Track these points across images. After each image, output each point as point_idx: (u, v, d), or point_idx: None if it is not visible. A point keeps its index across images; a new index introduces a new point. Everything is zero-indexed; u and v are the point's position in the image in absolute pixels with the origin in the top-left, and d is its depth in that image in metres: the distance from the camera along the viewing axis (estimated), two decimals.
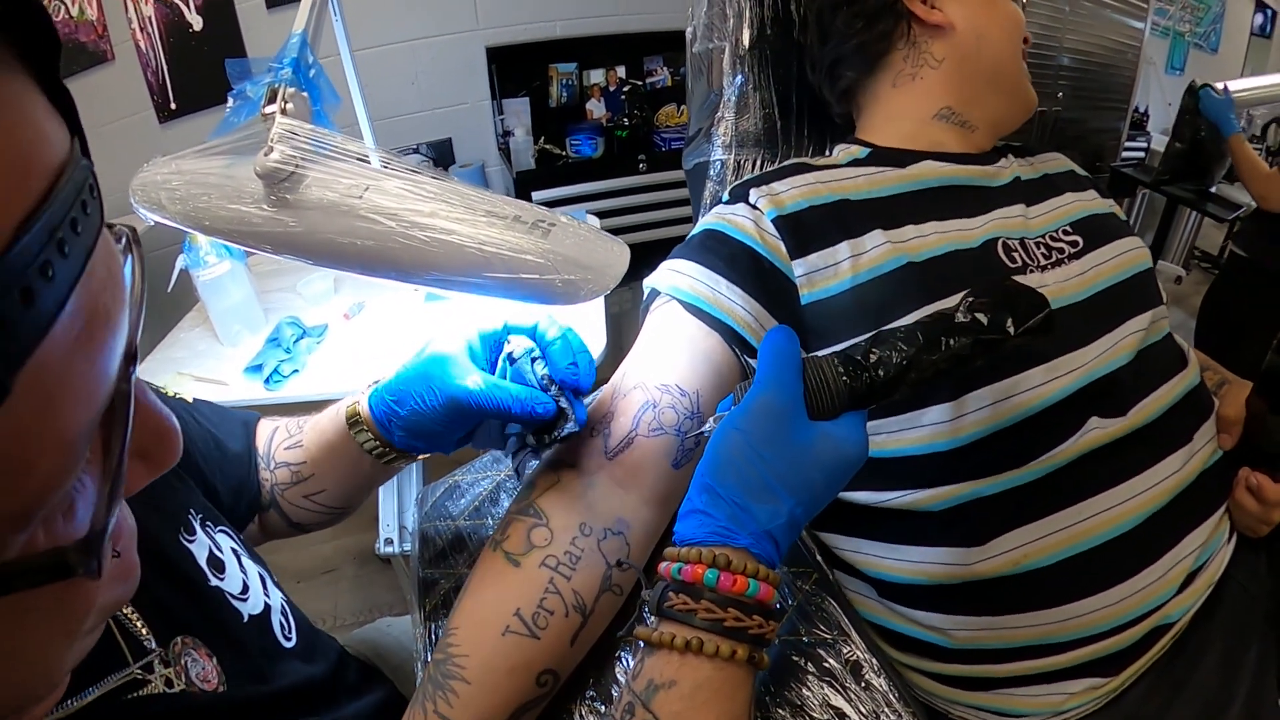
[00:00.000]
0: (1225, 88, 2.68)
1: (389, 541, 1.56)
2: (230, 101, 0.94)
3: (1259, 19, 5.50)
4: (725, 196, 0.96)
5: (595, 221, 1.81)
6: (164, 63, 2.39)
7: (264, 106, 0.82)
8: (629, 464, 0.71)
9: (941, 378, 0.60)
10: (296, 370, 1.35)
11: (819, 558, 0.94)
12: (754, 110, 1.17)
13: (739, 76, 1.16)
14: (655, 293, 0.87)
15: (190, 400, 0.80)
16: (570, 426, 0.69)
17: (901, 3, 1.01)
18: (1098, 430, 0.80)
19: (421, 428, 0.71)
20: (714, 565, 0.55)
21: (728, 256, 0.84)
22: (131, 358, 0.32)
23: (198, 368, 1.46)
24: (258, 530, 0.84)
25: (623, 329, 2.70)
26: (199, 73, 2.41)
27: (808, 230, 0.86)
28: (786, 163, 1.02)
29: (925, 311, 0.63)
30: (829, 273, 0.84)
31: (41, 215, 0.25)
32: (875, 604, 0.88)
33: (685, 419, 0.73)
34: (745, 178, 0.99)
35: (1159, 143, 4.07)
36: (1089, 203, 1.01)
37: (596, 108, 2.85)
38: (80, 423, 0.29)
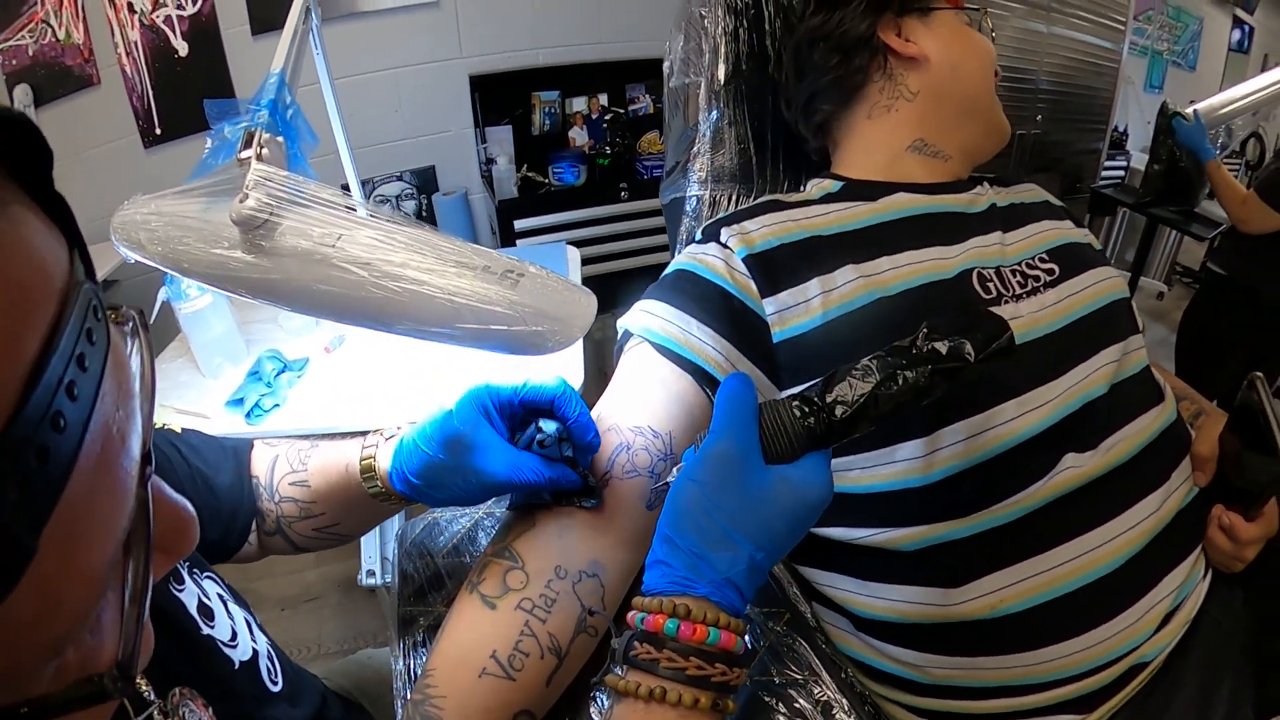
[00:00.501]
0: (1195, 113, 2.72)
1: (370, 573, 1.56)
2: (208, 142, 0.94)
3: (1236, 35, 5.56)
4: (698, 235, 0.96)
5: (576, 255, 1.81)
6: (149, 88, 2.40)
7: (240, 151, 0.83)
8: (603, 506, 0.72)
9: (904, 411, 0.60)
10: (277, 405, 1.35)
11: (797, 590, 0.94)
12: (729, 146, 1.17)
13: (714, 112, 1.16)
14: (628, 333, 0.88)
15: (179, 431, 0.80)
16: (593, 502, 0.71)
17: (877, 36, 1.02)
18: (1072, 470, 0.79)
19: (458, 501, 0.73)
20: (674, 615, 0.55)
21: (699, 297, 0.85)
22: (147, 458, 0.32)
23: (179, 399, 1.45)
24: (257, 550, 0.84)
25: (605, 355, 2.70)
26: (184, 98, 2.42)
27: (778, 268, 0.86)
28: (759, 200, 1.02)
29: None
30: (800, 310, 0.84)
31: (47, 365, 0.25)
32: (852, 638, 0.88)
33: (659, 460, 0.74)
34: (718, 216, 1.00)
35: (1139, 160, 4.11)
36: (1065, 231, 1.02)
37: (579, 135, 2.87)
38: (106, 553, 0.29)
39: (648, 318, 0.85)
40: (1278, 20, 6.06)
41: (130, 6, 2.33)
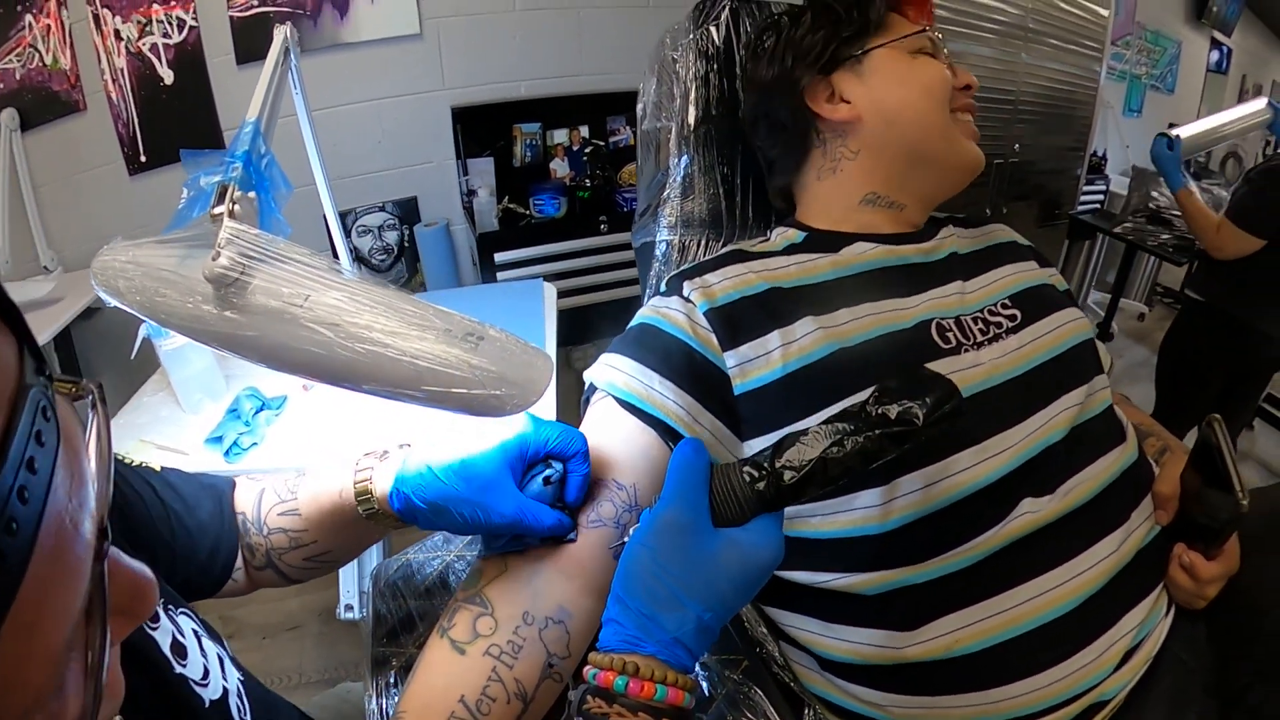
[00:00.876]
0: (1176, 139, 2.75)
1: (349, 607, 1.57)
2: (185, 192, 0.95)
3: (1214, 56, 5.63)
4: (662, 286, 0.98)
5: (552, 291, 1.84)
6: (135, 115, 2.41)
7: (213, 206, 0.84)
8: (570, 554, 0.73)
9: (855, 474, 0.61)
10: (255, 443, 1.36)
11: (764, 629, 0.96)
12: (699, 192, 1.18)
13: (685, 157, 1.18)
14: (594, 386, 0.90)
15: (159, 469, 0.81)
16: (571, 537, 0.74)
17: (806, 107, 1.03)
18: (1029, 515, 0.80)
19: (452, 529, 0.75)
20: (623, 672, 0.58)
21: (661, 352, 0.86)
22: (104, 534, 0.33)
23: (159, 434, 1.46)
24: (245, 585, 0.85)
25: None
26: (169, 127, 2.43)
27: (739, 321, 0.88)
28: (723, 250, 1.04)
29: (858, 398, 0.65)
30: (760, 362, 0.86)
31: None
32: (819, 677, 0.89)
33: (623, 511, 0.76)
34: (682, 267, 1.01)
35: (1118, 184, 4.16)
36: (1029, 274, 1.03)
37: (560, 167, 2.88)
38: (63, 631, 0.30)
39: (612, 372, 0.87)
40: (1255, 41, 6.14)
41: (117, 34, 2.34)
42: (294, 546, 0.82)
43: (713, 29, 1.19)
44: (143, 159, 2.44)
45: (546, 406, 1.32)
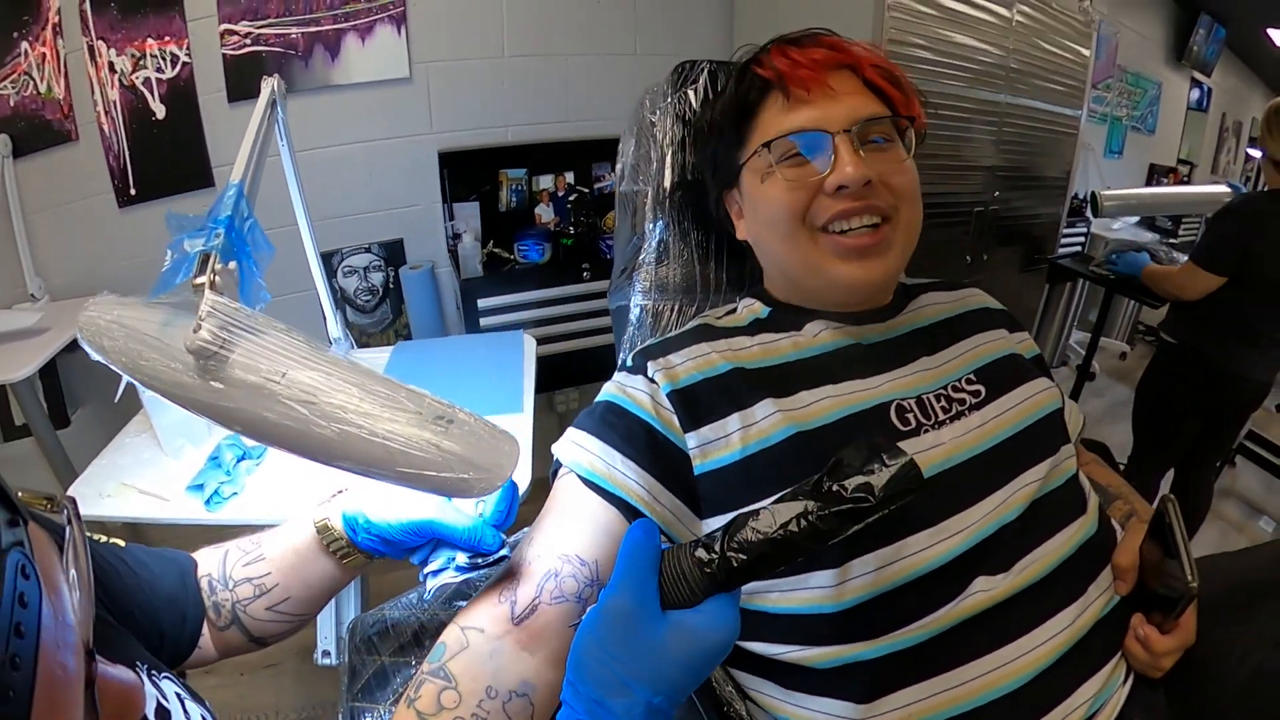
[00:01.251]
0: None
1: (325, 653, 1.58)
2: (168, 255, 0.97)
3: (1195, 94, 5.72)
4: (629, 362, 1.00)
5: (532, 343, 1.86)
6: (126, 148, 2.42)
7: (195, 275, 0.87)
8: (533, 629, 0.75)
9: (808, 553, 0.60)
10: (236, 493, 1.37)
11: (732, 689, 0.97)
12: (673, 258, 1.20)
13: (660, 222, 1.19)
14: (560, 462, 0.92)
15: (123, 545, 0.83)
16: (504, 552, 0.77)
17: (727, 215, 1.08)
18: (982, 593, 0.81)
19: (384, 537, 0.78)
20: None
21: (625, 432, 0.89)
22: (90, 655, 0.37)
23: (140, 477, 1.47)
24: (214, 652, 0.87)
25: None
26: (160, 161, 2.43)
27: (700, 403, 0.90)
28: (691, 324, 1.06)
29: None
30: (720, 444, 0.88)
31: None
32: None
33: (585, 586, 0.78)
34: (648, 343, 1.03)
35: (1099, 226, 4.20)
36: (997, 344, 1.03)
37: (545, 212, 2.90)
38: None
39: (577, 450, 0.89)
40: (1235, 80, 6.25)
41: (111, 66, 2.35)
42: (259, 595, 0.84)
43: (690, 93, 1.20)
44: (132, 192, 2.44)
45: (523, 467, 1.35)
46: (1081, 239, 4.32)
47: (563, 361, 2.69)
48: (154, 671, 0.71)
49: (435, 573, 0.76)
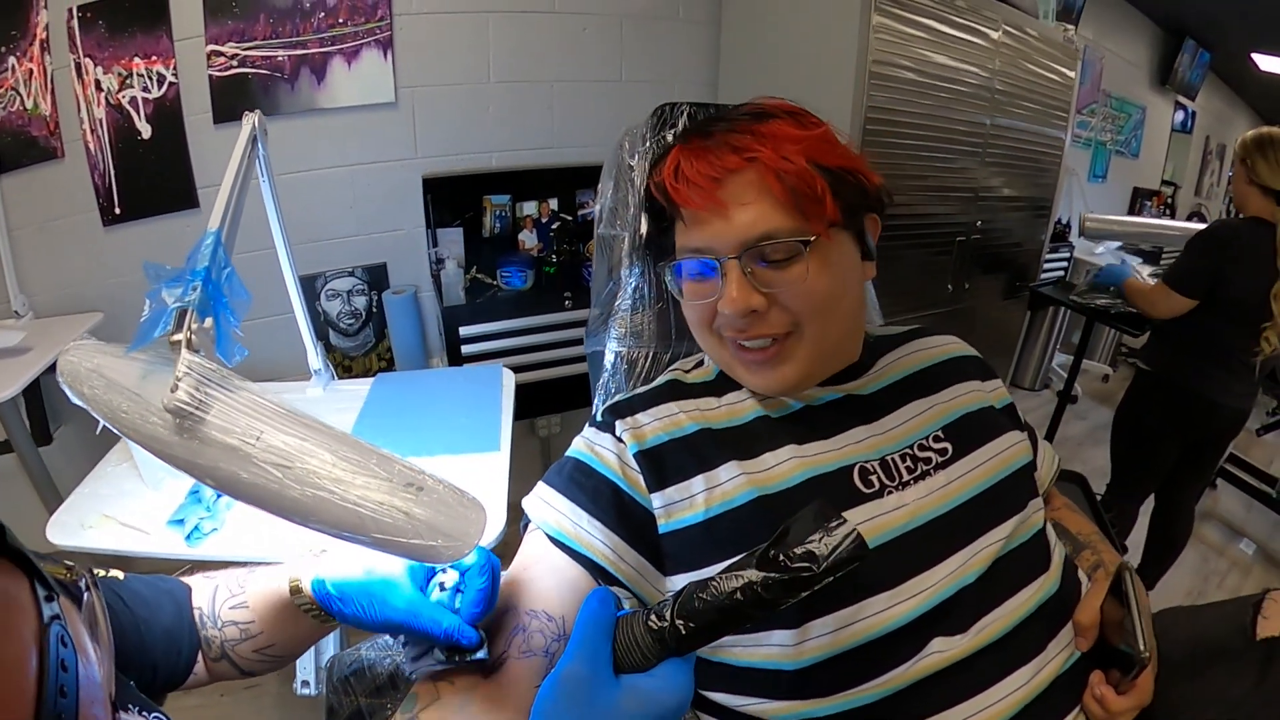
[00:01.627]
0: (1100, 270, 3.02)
1: (305, 684, 1.58)
2: (147, 305, 0.97)
3: (1179, 116, 5.79)
4: (599, 417, 1.01)
5: (511, 378, 1.86)
6: (111, 167, 2.42)
7: (172, 331, 0.88)
8: (501, 684, 0.76)
9: (757, 620, 0.63)
10: (216, 528, 1.37)
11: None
12: (648, 305, 1.20)
13: (636, 269, 1.20)
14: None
15: (122, 577, 0.85)
16: (481, 654, 0.75)
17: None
18: (939, 654, 0.82)
19: (359, 624, 0.77)
20: None
21: (592, 492, 0.90)
22: (114, 706, 0.45)
23: (121, 508, 1.46)
24: (206, 677, 0.88)
25: (551, 450, 2.77)
26: (145, 181, 2.42)
27: (666, 464, 0.92)
28: (661, 379, 1.06)
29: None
30: (685, 505, 0.89)
31: (43, 708, 0.37)
32: None
33: (552, 641, 0.79)
34: (617, 399, 1.03)
35: (1083, 250, 4.24)
36: (967, 397, 1.03)
37: (529, 239, 2.91)
38: None
39: (545, 508, 0.91)
40: (1219, 103, 6.32)
41: (98, 84, 2.34)
42: (245, 638, 0.86)
43: (669, 136, 1.20)
44: (117, 211, 2.43)
45: (497, 504, 1.37)
46: (1064, 264, 4.36)
47: (544, 388, 2.69)
48: (145, 711, 0.73)
49: (416, 659, 0.77)
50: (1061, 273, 4.33)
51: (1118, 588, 0.88)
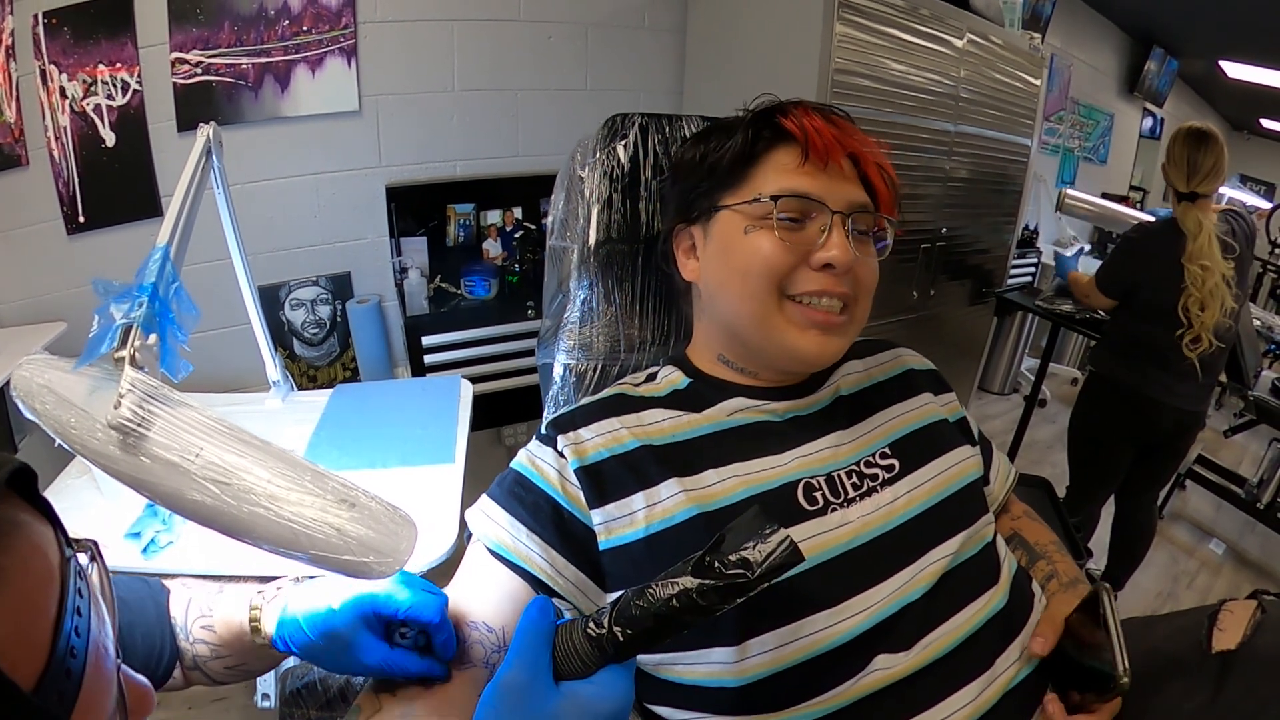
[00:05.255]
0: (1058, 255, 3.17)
1: (265, 696, 1.58)
2: (95, 320, 0.97)
3: (1148, 122, 5.85)
4: (542, 429, 1.02)
5: (469, 389, 1.85)
6: (76, 175, 2.40)
7: (117, 349, 0.88)
8: (442, 695, 0.76)
9: (694, 625, 0.64)
10: (172, 541, 1.36)
11: None
12: (597, 317, 1.20)
13: (585, 281, 1.19)
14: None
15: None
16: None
17: (671, 252, 1.07)
18: (881, 671, 0.82)
19: (337, 671, 0.81)
20: None
21: (531, 506, 0.90)
22: (117, 652, 0.46)
23: (79, 521, 1.45)
24: (182, 682, 0.88)
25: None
26: (109, 188, 2.40)
27: (606, 481, 0.91)
28: (607, 392, 1.06)
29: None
30: (625, 521, 0.89)
31: (63, 630, 0.40)
32: None
33: (492, 653, 0.80)
34: (561, 412, 1.03)
35: (1050, 257, 4.29)
36: (918, 413, 1.03)
37: (493, 247, 2.91)
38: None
39: (486, 522, 0.91)
40: (1188, 109, 6.40)
41: (63, 91, 2.33)
42: (214, 657, 0.86)
43: (620, 148, 1.20)
44: (81, 219, 2.41)
45: (450, 506, 1.37)
46: (1032, 270, 4.40)
47: (508, 397, 2.69)
48: None
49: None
50: (1029, 278, 4.36)
51: (1094, 607, 0.86)
